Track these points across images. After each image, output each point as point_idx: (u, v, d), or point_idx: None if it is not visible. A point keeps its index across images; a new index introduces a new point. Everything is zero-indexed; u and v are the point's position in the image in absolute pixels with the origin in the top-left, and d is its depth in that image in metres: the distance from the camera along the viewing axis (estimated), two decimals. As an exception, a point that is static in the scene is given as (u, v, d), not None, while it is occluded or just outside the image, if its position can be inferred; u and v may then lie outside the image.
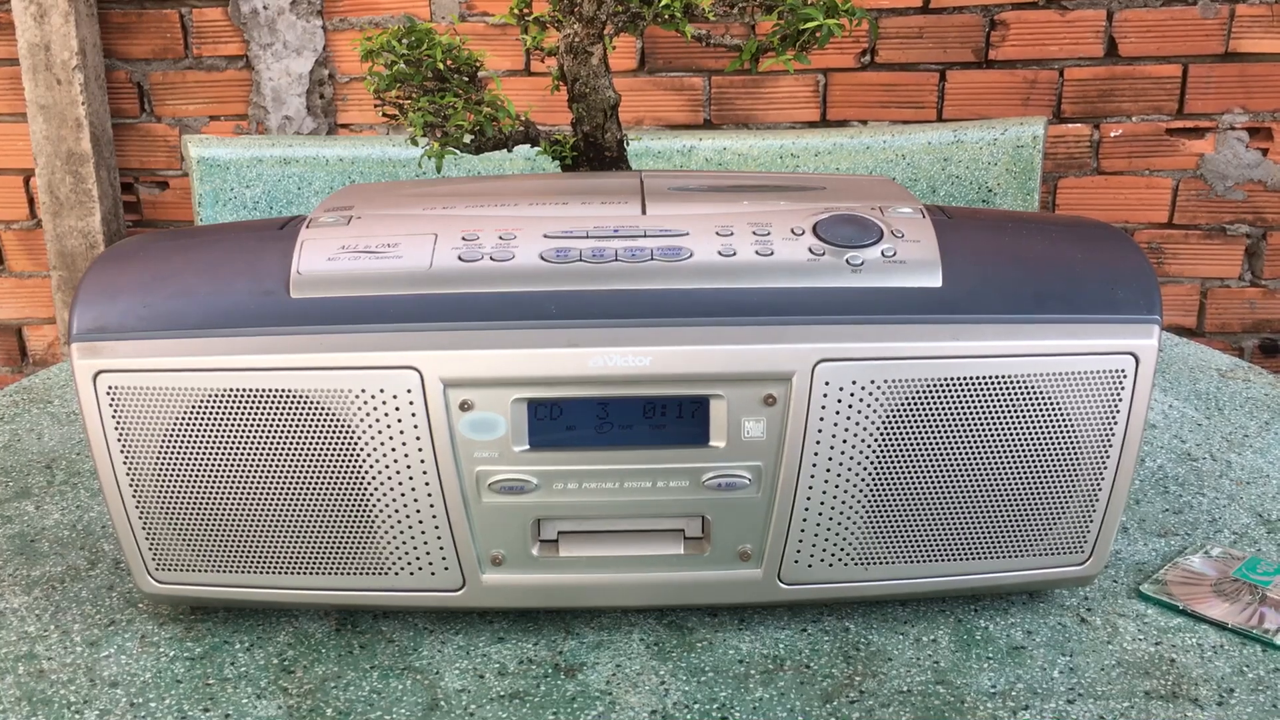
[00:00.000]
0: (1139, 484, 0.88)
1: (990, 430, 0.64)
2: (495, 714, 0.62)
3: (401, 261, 0.64)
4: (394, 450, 0.63)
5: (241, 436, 0.63)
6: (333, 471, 0.63)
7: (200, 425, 0.63)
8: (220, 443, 0.63)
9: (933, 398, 0.63)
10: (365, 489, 0.64)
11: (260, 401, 0.62)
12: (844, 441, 0.63)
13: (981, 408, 0.63)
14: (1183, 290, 1.86)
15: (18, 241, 1.99)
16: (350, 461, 0.63)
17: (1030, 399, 0.63)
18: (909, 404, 0.63)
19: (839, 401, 0.63)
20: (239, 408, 0.62)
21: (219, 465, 0.63)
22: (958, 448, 0.64)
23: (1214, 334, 1.88)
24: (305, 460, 0.63)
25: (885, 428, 0.63)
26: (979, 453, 0.64)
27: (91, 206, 1.86)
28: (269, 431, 0.63)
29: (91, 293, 0.65)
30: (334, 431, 0.63)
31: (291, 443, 0.63)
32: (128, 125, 1.92)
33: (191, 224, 1.63)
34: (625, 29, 0.86)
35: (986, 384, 0.63)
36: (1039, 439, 0.64)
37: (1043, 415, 0.64)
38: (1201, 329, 1.88)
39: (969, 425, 0.64)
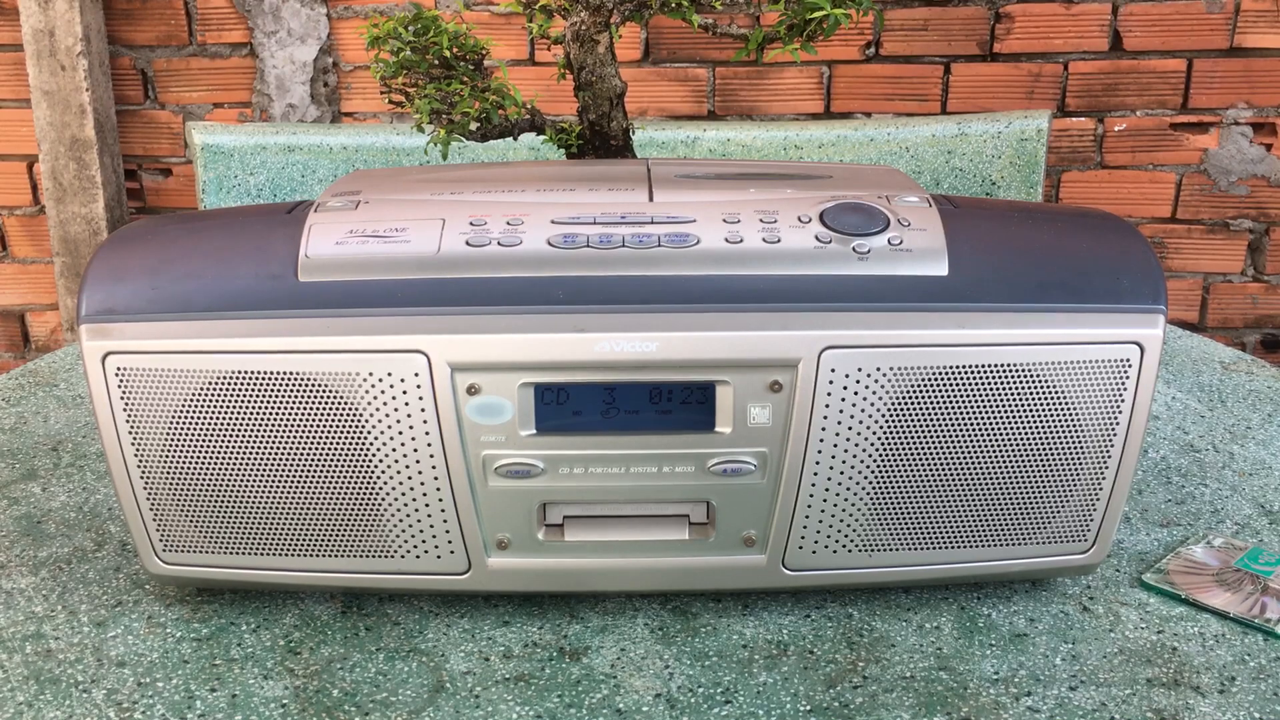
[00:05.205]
0: (1142, 474, 0.88)
1: (995, 418, 0.64)
2: (500, 696, 0.62)
3: (409, 246, 0.64)
4: (401, 434, 0.63)
5: (249, 419, 0.63)
6: (340, 455, 0.64)
7: (208, 407, 0.63)
8: (228, 424, 0.63)
9: (938, 386, 0.63)
10: (372, 472, 0.64)
11: (268, 384, 0.62)
12: (849, 429, 0.64)
13: (986, 396, 0.64)
14: (1185, 285, 1.86)
15: (21, 227, 1.99)
16: (357, 445, 0.63)
17: (1035, 387, 0.64)
18: (914, 392, 0.63)
19: (844, 389, 0.63)
20: (247, 390, 0.63)
21: (226, 447, 0.64)
22: (962, 435, 0.64)
23: (1216, 329, 1.88)
24: (312, 443, 0.63)
25: (890, 415, 0.64)
26: (983, 440, 0.64)
27: (95, 193, 1.86)
28: (276, 414, 0.63)
29: (100, 275, 0.65)
30: (341, 415, 0.63)
31: (299, 426, 0.63)
32: (131, 112, 1.92)
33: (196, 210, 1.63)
34: (631, 17, 0.86)
35: (992, 372, 0.63)
36: (1044, 427, 0.65)
37: (1048, 404, 0.64)
38: (1203, 324, 1.88)
39: (974, 413, 0.64)
